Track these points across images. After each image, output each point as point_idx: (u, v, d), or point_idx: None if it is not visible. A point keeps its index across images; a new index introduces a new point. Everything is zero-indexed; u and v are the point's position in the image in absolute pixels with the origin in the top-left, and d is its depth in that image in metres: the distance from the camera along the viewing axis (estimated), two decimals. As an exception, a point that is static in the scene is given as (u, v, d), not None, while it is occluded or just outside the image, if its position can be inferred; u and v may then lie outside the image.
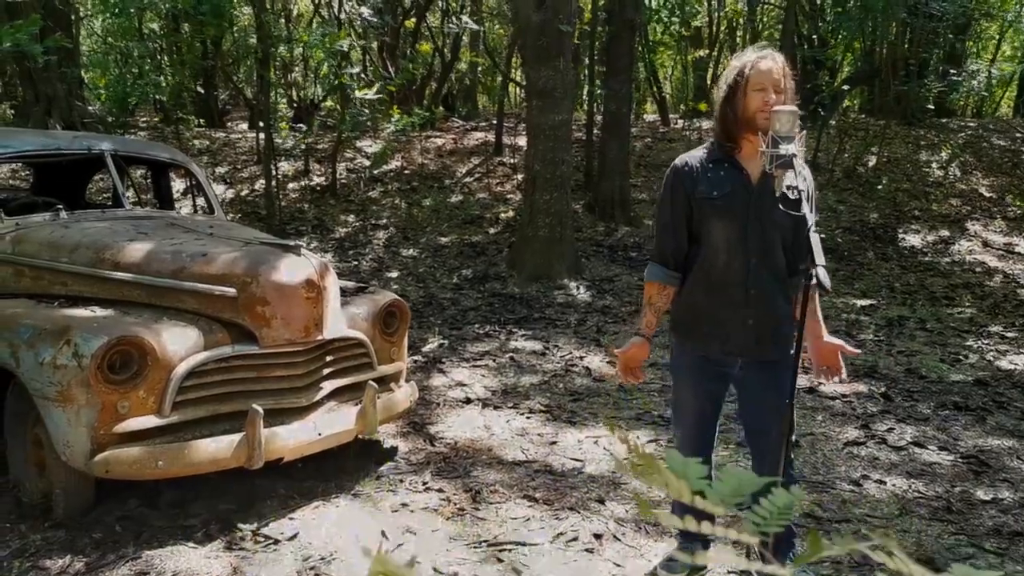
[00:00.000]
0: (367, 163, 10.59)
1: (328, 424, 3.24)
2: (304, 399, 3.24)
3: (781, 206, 2.27)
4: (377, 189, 10.20)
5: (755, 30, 14.75)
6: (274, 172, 8.63)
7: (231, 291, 3.10)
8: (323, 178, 10.27)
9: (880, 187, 10.59)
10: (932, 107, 12.34)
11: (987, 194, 10.93)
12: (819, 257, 1.99)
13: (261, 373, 3.14)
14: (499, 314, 6.81)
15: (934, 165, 11.72)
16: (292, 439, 3.09)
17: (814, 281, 2.04)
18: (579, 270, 7.88)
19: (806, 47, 11.56)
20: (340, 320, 3.41)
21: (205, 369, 2.99)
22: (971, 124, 13.79)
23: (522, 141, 11.18)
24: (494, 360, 5.51)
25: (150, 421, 2.83)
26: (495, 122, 12.22)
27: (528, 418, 4.37)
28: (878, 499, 3.38)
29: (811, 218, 2.12)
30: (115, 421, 2.77)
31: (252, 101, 13.63)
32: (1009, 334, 6.37)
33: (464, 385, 4.94)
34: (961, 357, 5.73)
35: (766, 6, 14.73)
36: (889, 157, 11.47)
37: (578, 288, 7.55)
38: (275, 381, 3.17)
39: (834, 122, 11.78)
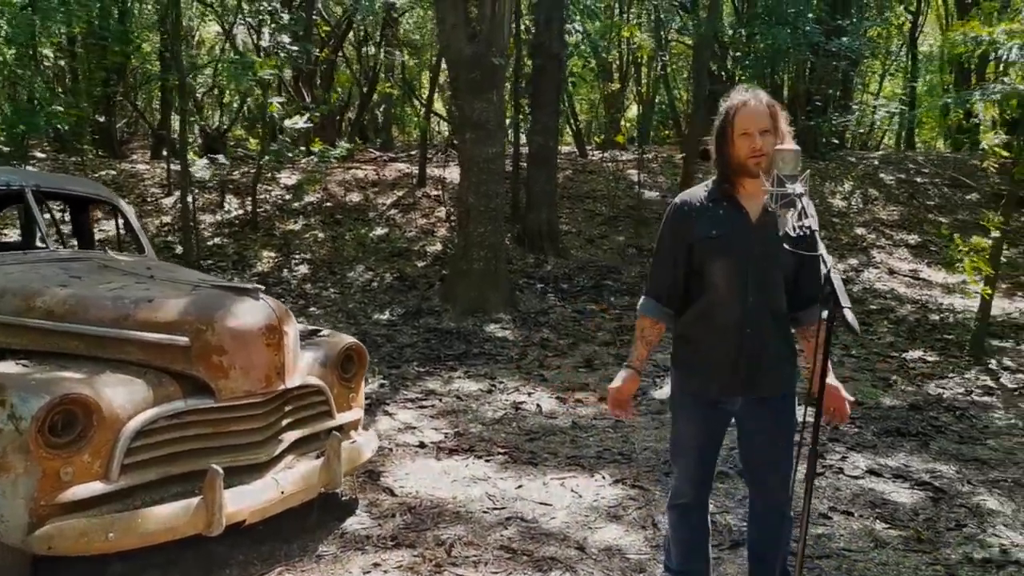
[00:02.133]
0: (287, 196, 10.25)
1: (291, 480, 3.00)
2: (264, 454, 2.99)
3: (786, 245, 2.24)
4: (299, 222, 9.86)
5: (665, 66, 15.22)
6: (191, 205, 8.21)
7: (183, 340, 2.84)
8: (241, 211, 9.85)
9: (792, 218, 11.01)
10: (836, 140, 13.00)
11: (888, 221, 11.56)
12: (844, 299, 1.96)
13: (217, 428, 2.89)
14: (437, 350, 6.64)
15: (838, 196, 12.33)
16: (254, 500, 2.84)
17: (829, 320, 2.01)
18: (514, 303, 7.81)
19: (716, 84, 12.01)
20: (301, 367, 3.19)
21: (156, 427, 2.71)
22: (871, 156, 14.60)
23: (447, 173, 11.11)
24: (440, 400, 5.33)
25: (97, 487, 2.54)
26: (415, 154, 12.10)
27: (487, 462, 4.22)
28: (851, 532, 3.40)
29: (828, 258, 2.10)
30: (57, 490, 2.46)
31: (157, 130, 13.03)
32: (929, 358, 6.67)
33: (414, 428, 4.74)
34: (891, 382, 5.94)
35: (675, 43, 15.26)
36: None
37: (514, 321, 7.46)
38: (232, 436, 2.92)
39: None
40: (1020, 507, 3.69)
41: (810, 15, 10.18)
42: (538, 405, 5.26)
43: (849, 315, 1.92)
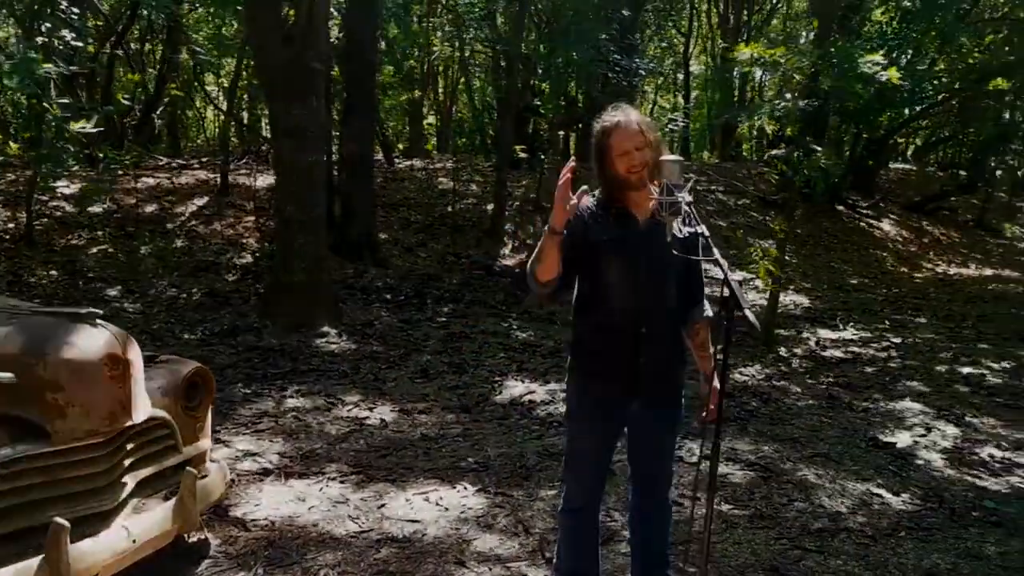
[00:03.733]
0: (68, 207, 9.18)
1: (143, 527, 2.68)
2: (109, 500, 2.65)
3: (675, 251, 2.36)
4: (83, 237, 8.87)
5: (467, 76, 15.47)
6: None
7: (6, 376, 2.45)
8: (12, 224, 8.67)
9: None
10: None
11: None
12: (743, 300, 2.09)
13: (54, 475, 2.51)
14: (262, 370, 6.25)
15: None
16: (104, 553, 2.50)
17: (728, 320, 2.14)
18: (339, 316, 7.55)
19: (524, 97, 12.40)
20: (146, 399, 2.87)
21: (-22, 481, 2.32)
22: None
23: (254, 180, 10.52)
24: (276, 421, 5.03)
25: (-92, 561, 2.12)
26: (208, 160, 11.35)
27: (342, 483, 4.04)
28: (701, 515, 3.64)
29: (724, 262, 2.23)
30: None
31: None
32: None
33: (254, 454, 4.43)
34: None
35: (475, 52, 15.57)
36: (599, 196, 12.67)
37: (341, 335, 7.22)
38: (73, 483, 2.56)
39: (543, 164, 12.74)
40: (835, 479, 4.16)
41: (603, 36, 10.80)
42: (382, 419, 5.12)
43: (750, 315, 2.06)
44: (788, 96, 6.69)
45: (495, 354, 6.91)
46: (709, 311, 2.59)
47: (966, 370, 6.66)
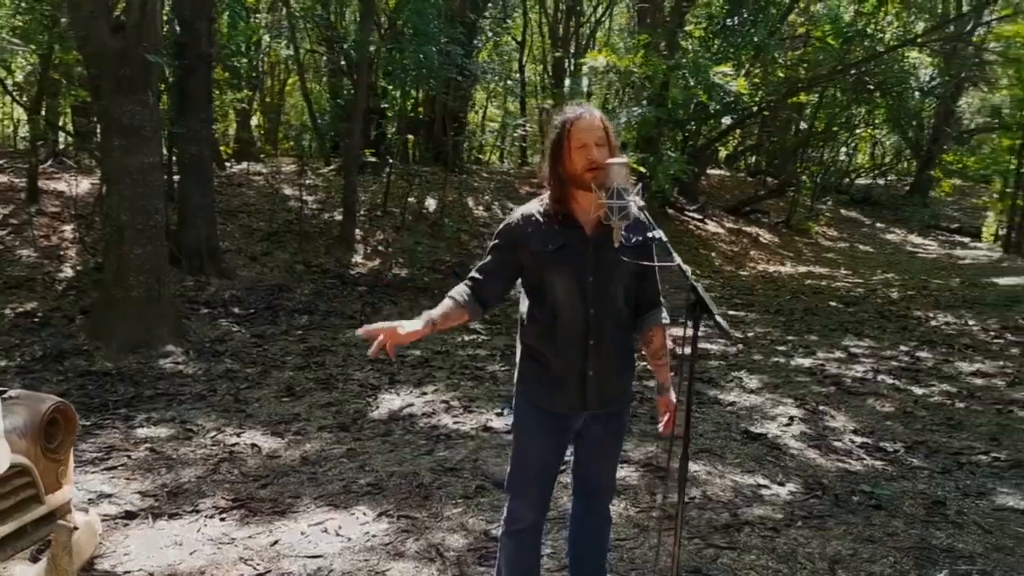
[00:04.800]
0: None
1: (8, 599, 2.24)
2: (-37, 572, 2.19)
3: (624, 256, 2.29)
4: None
5: (302, 76, 14.82)
6: None
7: None
8: None
9: (447, 228, 11.54)
10: (481, 156, 13.91)
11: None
12: (712, 306, 2.05)
13: None
14: (99, 397, 5.57)
15: (480, 207, 13.22)
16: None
17: (695, 327, 2.10)
18: (183, 333, 6.90)
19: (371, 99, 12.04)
20: (4, 445, 2.40)
21: None
22: (503, 170, 15.93)
23: (68, 185, 9.43)
24: (128, 456, 4.47)
25: None
26: (5, 163, 10.06)
27: (223, 519, 3.64)
28: (614, 522, 3.62)
29: (686, 267, 2.17)
30: None
31: None
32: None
33: (110, 495, 3.90)
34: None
35: (311, 52, 14.96)
36: (446, 201, 12.56)
37: (187, 354, 6.60)
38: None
39: (390, 168, 12.48)
40: (723, 473, 4.30)
41: (445, 39, 10.72)
42: (253, 444, 4.70)
43: (722, 322, 2.02)
44: (643, 104, 6.91)
45: (362, 367, 6.60)
46: (666, 317, 2.54)
47: (806, 362, 7.19)
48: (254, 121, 18.57)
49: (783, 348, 7.81)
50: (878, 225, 21.68)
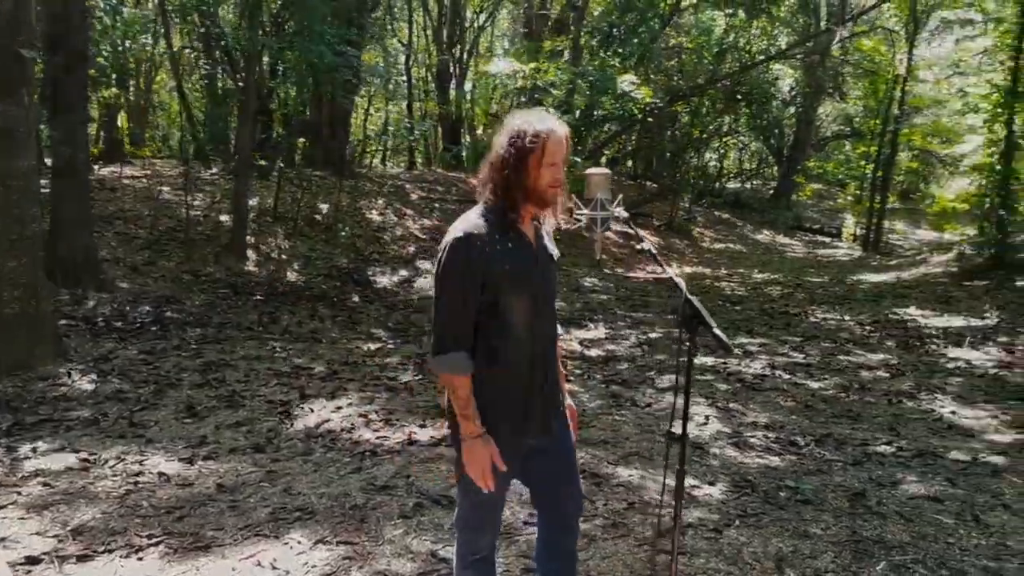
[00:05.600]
0: None
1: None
2: None
3: (548, 267, 2.27)
4: None
5: (178, 74, 14.00)
6: None
7: None
8: None
9: (342, 234, 11.20)
10: (365, 159, 13.60)
11: (421, 236, 12.55)
12: (710, 319, 2.03)
13: None
14: (-28, 427, 5.01)
15: (374, 212, 12.93)
16: None
17: (691, 342, 2.08)
18: (63, 352, 6.33)
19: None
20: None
21: None
22: (393, 174, 15.65)
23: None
24: (19, 493, 4.03)
25: None
26: None
27: (140, 559, 3.34)
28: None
29: (681, 281, 2.15)
30: None
31: None
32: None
33: (2, 539, 3.49)
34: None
35: (188, 49, 14.18)
36: (338, 206, 12.20)
37: (70, 375, 6.04)
38: None
39: (280, 172, 12.00)
40: (656, 477, 4.35)
41: (332, 37, 10.42)
42: (160, 473, 4.34)
43: (721, 335, 2.00)
44: (549, 111, 6.92)
45: (267, 382, 6.26)
46: (560, 328, 2.52)
47: (708, 360, 7.44)
48: (121, 122, 17.42)
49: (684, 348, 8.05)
50: (748, 227, 22.86)
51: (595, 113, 7.69)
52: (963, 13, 18.41)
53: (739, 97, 17.94)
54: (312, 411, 5.52)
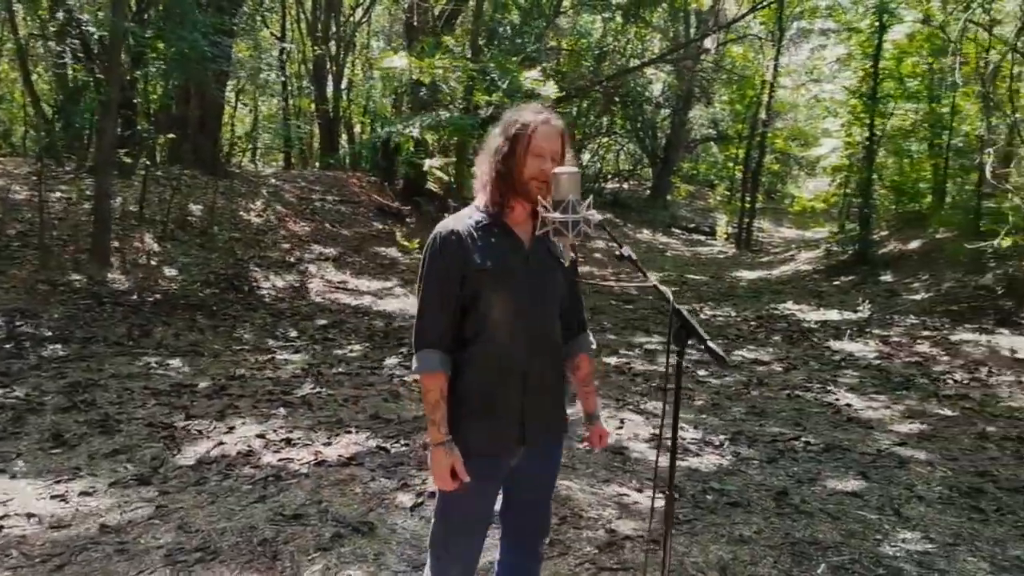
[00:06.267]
0: None
1: None
2: None
3: (561, 274, 2.10)
4: None
5: (24, 63, 12.67)
6: None
7: None
8: None
9: (219, 237, 10.47)
10: (245, 159, 12.83)
11: (303, 236, 11.96)
12: (702, 332, 1.86)
13: None
14: None
15: (252, 213, 12.21)
16: None
17: (679, 355, 1.90)
18: None
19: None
20: None
21: None
22: (266, 174, 14.86)
23: None
24: None
25: None
26: None
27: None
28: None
29: (667, 290, 1.96)
30: None
31: None
32: (408, 363, 7.11)
33: None
34: (401, 392, 6.14)
35: (37, 36, 12.89)
36: (213, 207, 11.42)
37: (-94, 403, 5.24)
38: None
39: (146, 171, 11.10)
40: (584, 486, 4.20)
41: (202, 25, 9.72)
42: (29, 514, 3.78)
43: (715, 347, 1.84)
44: (449, 108, 6.69)
45: (145, 403, 5.67)
46: (593, 343, 2.37)
47: (612, 360, 7.43)
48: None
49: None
50: (629, 225, 23.43)
51: (494, 111, 7.54)
52: (821, 23, 19.62)
53: (616, 100, 18.32)
54: (201, 434, 5.02)
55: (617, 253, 2.04)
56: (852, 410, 5.81)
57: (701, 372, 6.97)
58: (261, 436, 4.96)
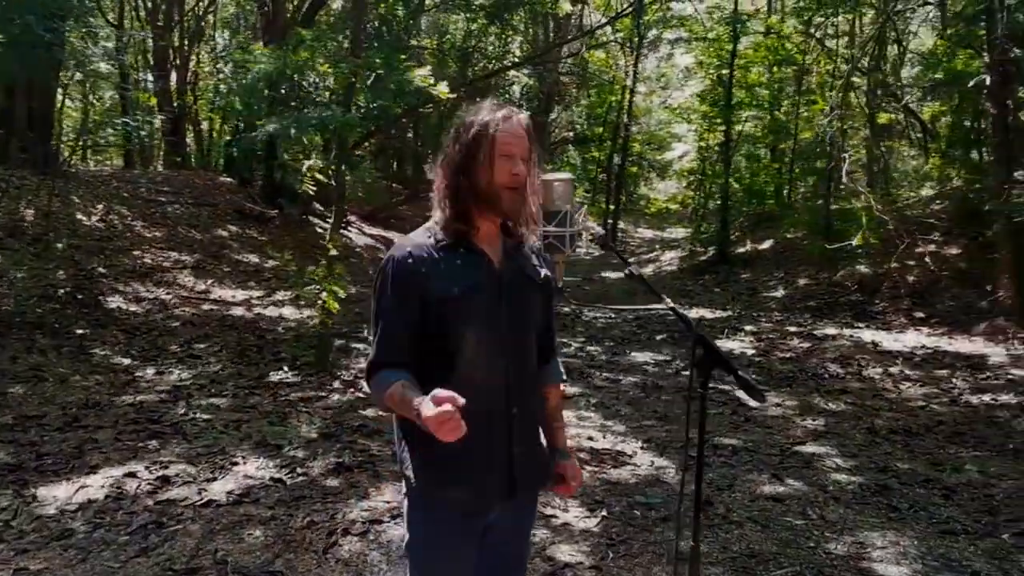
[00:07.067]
0: None
1: None
2: None
3: (534, 295, 1.85)
4: None
5: None
6: None
7: None
8: None
9: (58, 246, 9.35)
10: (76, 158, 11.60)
11: (156, 244, 10.95)
12: (731, 363, 1.65)
13: None
14: None
15: (94, 218, 11.05)
16: None
17: (702, 386, 1.69)
18: None
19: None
20: None
21: None
22: (112, 174, 13.55)
23: None
24: None
25: None
26: None
27: None
28: None
29: (684, 312, 1.73)
30: None
31: None
32: (293, 378, 6.58)
33: None
34: (288, 412, 5.63)
35: None
36: (48, 212, 10.20)
37: None
38: None
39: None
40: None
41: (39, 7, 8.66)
42: None
43: (748, 378, 1.64)
44: (331, 107, 6.26)
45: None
46: (563, 372, 2.10)
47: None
48: None
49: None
50: (494, 228, 23.43)
51: (377, 111, 7.09)
52: (673, 33, 20.41)
53: (479, 101, 18.20)
54: (58, 475, 4.34)
55: (626, 272, 1.80)
56: (747, 410, 5.92)
57: (596, 379, 6.90)
58: (131, 475, 4.35)
